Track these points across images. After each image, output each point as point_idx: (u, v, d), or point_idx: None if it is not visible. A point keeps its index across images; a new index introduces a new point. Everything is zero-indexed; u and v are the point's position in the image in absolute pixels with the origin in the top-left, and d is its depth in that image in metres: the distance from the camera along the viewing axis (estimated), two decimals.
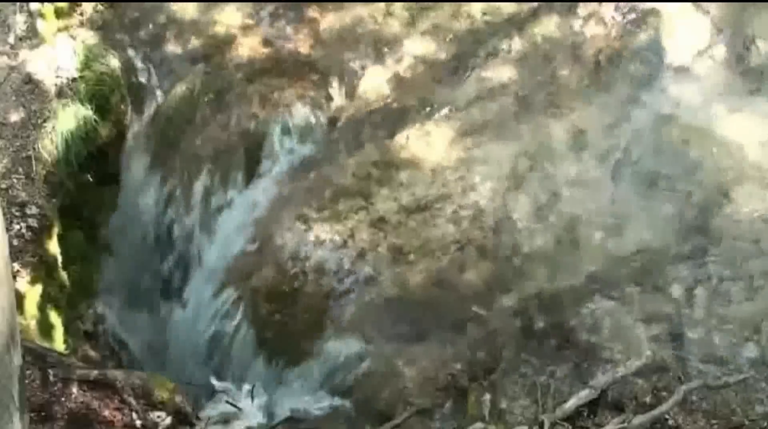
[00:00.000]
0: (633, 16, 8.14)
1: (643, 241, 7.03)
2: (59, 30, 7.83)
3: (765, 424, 5.68)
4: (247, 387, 7.20)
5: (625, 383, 6.01)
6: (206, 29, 8.40)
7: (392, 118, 7.94)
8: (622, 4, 8.18)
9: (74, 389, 5.65)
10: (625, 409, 5.86)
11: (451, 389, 6.48)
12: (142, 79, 8.29)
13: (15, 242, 6.70)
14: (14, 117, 7.25)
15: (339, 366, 6.88)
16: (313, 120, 8.04)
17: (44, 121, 7.29)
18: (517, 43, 8.15)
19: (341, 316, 7.07)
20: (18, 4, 7.65)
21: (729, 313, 6.45)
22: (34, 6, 7.61)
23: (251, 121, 8.00)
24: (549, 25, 8.21)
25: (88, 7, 8.21)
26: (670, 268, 6.78)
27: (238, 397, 7.09)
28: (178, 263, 8.07)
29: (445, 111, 7.85)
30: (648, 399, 5.93)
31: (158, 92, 8.29)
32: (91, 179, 7.75)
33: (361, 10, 8.47)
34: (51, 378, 5.64)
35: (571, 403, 5.84)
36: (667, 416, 5.73)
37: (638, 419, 5.63)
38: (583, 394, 5.90)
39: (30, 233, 6.89)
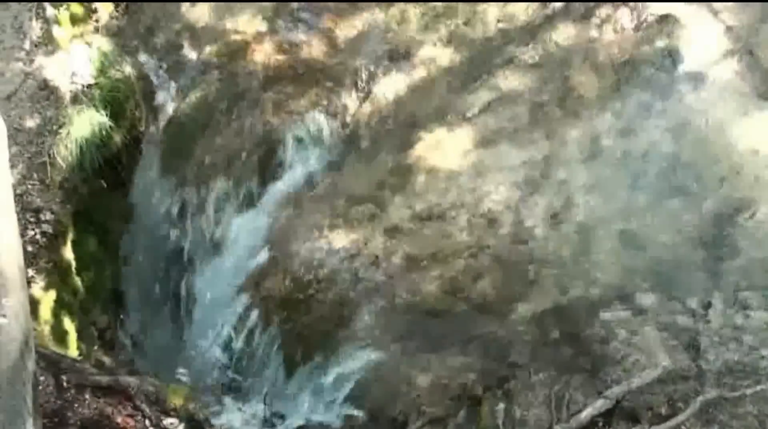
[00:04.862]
0: (648, 22, 8.10)
1: (658, 250, 6.98)
2: (75, 36, 7.86)
3: None
4: (260, 394, 7.20)
5: (641, 393, 5.96)
6: (221, 36, 8.42)
7: (406, 125, 7.93)
8: (637, 10, 8.14)
9: (87, 395, 5.66)
10: (641, 420, 5.81)
11: (464, 398, 6.46)
12: (157, 86, 8.31)
13: (29, 248, 6.72)
14: (29, 123, 7.28)
15: (352, 374, 6.86)
16: (327, 127, 8.03)
17: (59, 127, 7.31)
18: (532, 50, 8.12)
19: (354, 323, 7.05)
20: (34, 11, 7.68)
21: (746, 323, 6.39)
22: (50, 12, 7.64)
23: (265, 128, 8.00)
24: (564, 32, 8.18)
25: (103, 14, 8.25)
26: (687, 277, 6.73)
27: (252, 404, 7.08)
28: (191, 269, 8.08)
29: (459, 118, 7.83)
30: (664, 410, 5.88)
31: (173, 99, 8.30)
32: (105, 185, 7.77)
33: (376, 17, 8.47)
34: (64, 384, 5.65)
35: (586, 413, 5.81)
36: (683, 427, 5.67)
37: None
38: (598, 404, 5.87)
39: (44, 239, 6.92)
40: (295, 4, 8.56)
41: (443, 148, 7.71)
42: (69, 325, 7.05)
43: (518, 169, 7.53)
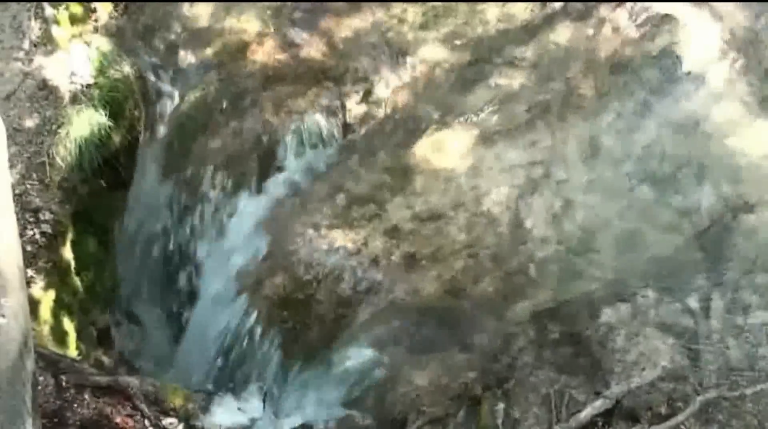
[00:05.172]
0: (648, 22, 8.10)
1: (658, 250, 6.98)
2: (74, 36, 7.85)
3: None
4: (259, 394, 7.19)
5: (641, 393, 5.96)
6: (220, 36, 8.42)
7: (406, 125, 7.93)
8: (636, 10, 8.14)
9: (87, 395, 5.66)
10: (641, 420, 5.81)
11: (464, 398, 6.45)
12: (156, 86, 8.30)
13: (29, 248, 6.71)
14: (29, 123, 7.27)
15: (352, 373, 6.86)
16: (326, 127, 8.03)
17: (58, 127, 7.30)
18: (531, 50, 8.12)
19: (354, 323, 7.05)
20: (33, 10, 7.67)
21: (746, 323, 6.39)
22: (49, 12, 7.63)
23: (265, 128, 8.00)
24: (564, 32, 8.18)
25: (102, 14, 8.24)
26: (687, 277, 6.73)
27: (251, 404, 7.07)
28: (190, 270, 8.07)
29: (459, 118, 7.83)
30: (663, 409, 5.88)
31: (172, 99, 8.30)
32: (104, 185, 7.77)
33: (376, 17, 8.47)
34: (64, 384, 5.65)
35: (586, 413, 5.81)
36: (683, 427, 5.67)
37: None
38: (598, 404, 5.86)
39: (44, 239, 6.90)
40: (295, 4, 8.56)
41: (443, 148, 7.71)
42: (68, 325, 7.05)
43: (518, 169, 7.53)
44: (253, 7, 8.52)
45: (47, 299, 6.85)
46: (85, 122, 7.36)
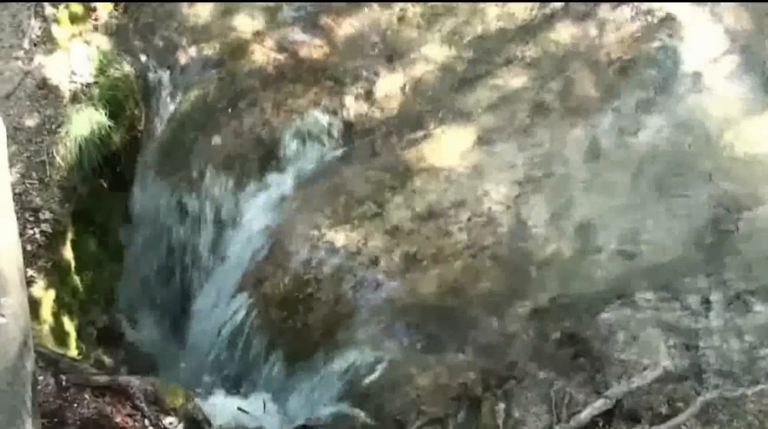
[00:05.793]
0: (648, 22, 8.10)
1: (658, 249, 6.98)
2: (74, 35, 7.85)
3: None
4: (259, 394, 7.19)
5: (641, 393, 5.96)
6: (220, 35, 8.41)
7: (406, 124, 7.93)
8: (636, 10, 8.14)
9: (87, 395, 5.65)
10: (641, 420, 5.81)
11: (464, 398, 6.45)
12: (156, 85, 8.30)
13: (29, 247, 6.71)
14: (29, 122, 7.27)
15: (352, 373, 6.85)
16: (326, 127, 8.03)
17: (58, 126, 7.30)
18: (531, 49, 8.12)
19: (354, 323, 7.04)
20: (33, 9, 7.67)
21: (746, 323, 6.39)
22: (49, 11, 7.63)
23: (264, 127, 7.99)
24: (563, 31, 8.18)
25: (102, 13, 8.24)
26: (687, 277, 6.73)
27: (251, 404, 7.07)
28: (190, 269, 8.07)
29: (459, 117, 7.83)
30: (664, 410, 5.88)
31: (172, 98, 8.29)
32: (104, 184, 7.77)
33: (376, 16, 8.47)
34: (64, 384, 5.64)
35: (586, 414, 5.81)
36: (684, 427, 5.67)
37: None
38: (598, 405, 5.87)
39: (43, 238, 6.90)
40: (294, 4, 8.56)
41: (443, 148, 7.70)
42: (68, 324, 7.05)
43: (518, 169, 7.52)
44: (253, 6, 8.52)
45: (47, 299, 6.84)
46: (85, 121, 7.37)
